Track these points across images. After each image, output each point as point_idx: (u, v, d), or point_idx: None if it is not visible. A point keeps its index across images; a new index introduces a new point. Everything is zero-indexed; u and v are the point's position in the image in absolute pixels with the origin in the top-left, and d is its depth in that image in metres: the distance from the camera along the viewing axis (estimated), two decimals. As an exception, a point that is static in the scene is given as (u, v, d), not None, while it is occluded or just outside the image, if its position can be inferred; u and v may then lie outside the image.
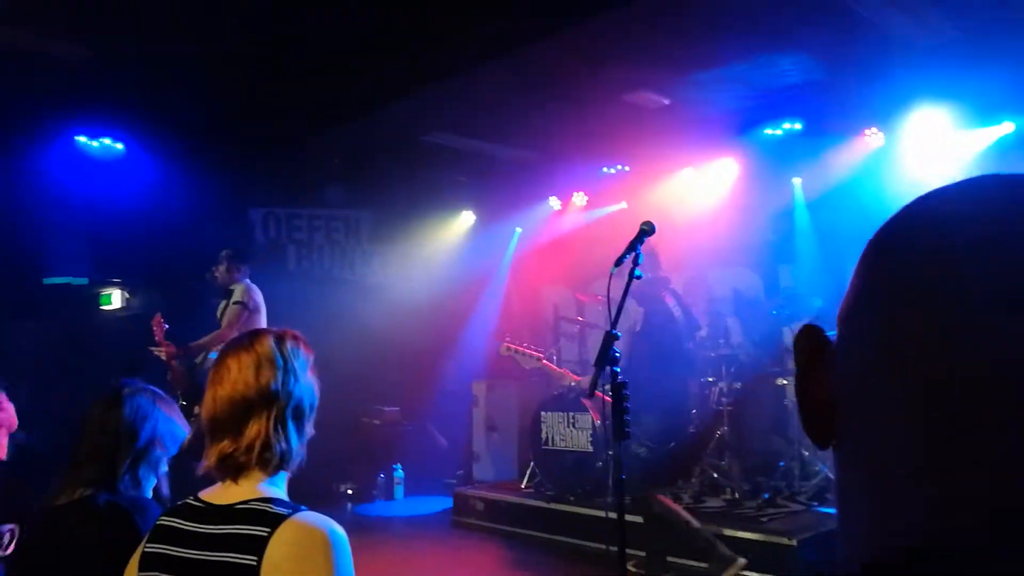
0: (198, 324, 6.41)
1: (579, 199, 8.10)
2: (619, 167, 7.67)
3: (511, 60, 5.48)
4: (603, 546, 5.13)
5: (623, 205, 7.70)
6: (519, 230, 8.51)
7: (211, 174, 7.13)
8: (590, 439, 5.84)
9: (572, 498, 5.76)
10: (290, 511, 1.40)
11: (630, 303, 4.88)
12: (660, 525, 4.26)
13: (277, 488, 1.50)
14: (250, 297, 5.70)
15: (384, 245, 8.97)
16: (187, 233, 6.94)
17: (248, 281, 5.81)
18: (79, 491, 1.92)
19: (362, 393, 7.89)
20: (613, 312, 2.90)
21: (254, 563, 1.34)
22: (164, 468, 2.11)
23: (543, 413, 6.22)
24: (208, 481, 1.53)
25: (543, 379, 7.11)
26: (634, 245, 3.00)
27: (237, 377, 1.50)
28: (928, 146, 5.86)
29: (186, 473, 1.79)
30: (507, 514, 6.09)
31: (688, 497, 5.64)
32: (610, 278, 2.95)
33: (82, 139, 6.72)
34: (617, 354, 2.86)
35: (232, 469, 1.48)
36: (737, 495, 5.54)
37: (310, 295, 8.17)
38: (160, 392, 2.16)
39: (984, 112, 5.56)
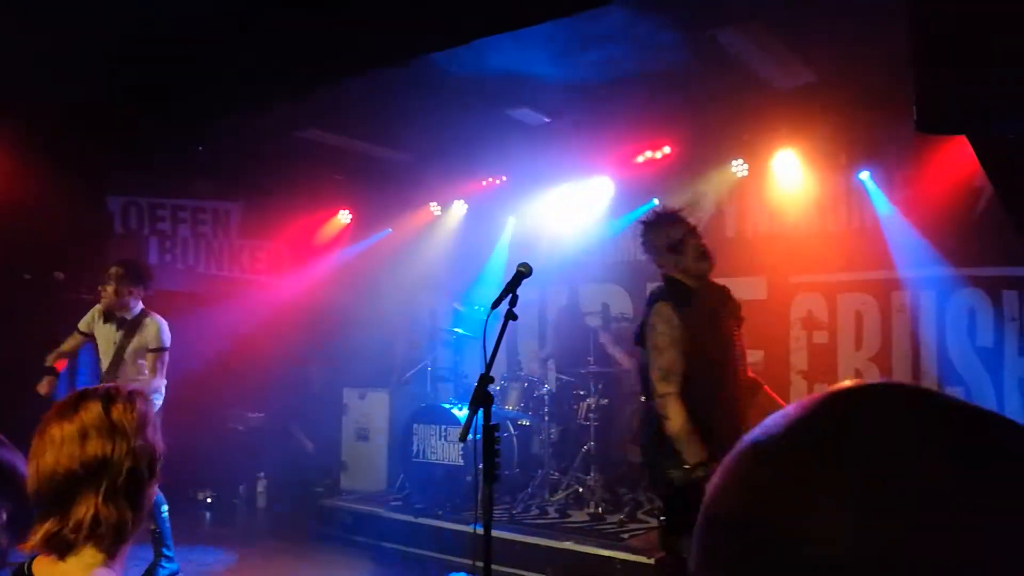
0: (39, 317, 5.96)
1: (459, 207, 8.09)
2: (498, 178, 7.72)
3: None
4: (470, 561, 5.21)
5: (510, 221, 7.75)
6: (389, 230, 8.39)
7: (65, 158, 6.61)
8: (461, 453, 5.88)
9: (440, 512, 5.78)
10: None
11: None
12: None
13: (108, 571, 1.41)
14: (168, 337, 4.97)
15: (255, 240, 8.64)
16: (36, 218, 6.41)
17: (159, 317, 5.01)
18: None
19: (226, 396, 7.59)
20: (488, 354, 2.92)
21: None
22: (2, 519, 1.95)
23: (415, 425, 6.22)
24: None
25: (417, 389, 7.09)
26: (511, 287, 3.02)
27: (60, 451, 1.38)
28: (787, 183, 6.24)
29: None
30: (375, 528, 6.03)
31: (553, 511, 5.79)
32: (486, 320, 2.96)
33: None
34: (491, 396, 2.87)
35: (60, 548, 1.37)
36: (600, 509, 5.74)
37: (173, 291, 7.77)
38: None
39: (836, 156, 5.97)
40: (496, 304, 3.01)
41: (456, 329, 6.83)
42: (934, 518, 0.40)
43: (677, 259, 3.33)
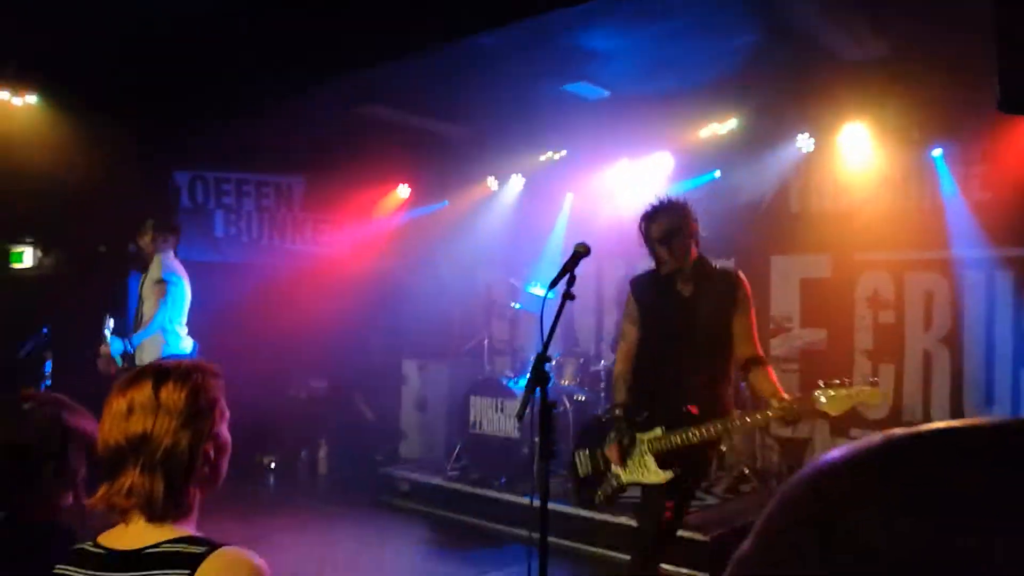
0: (113, 288, 6.21)
1: (517, 182, 8.08)
2: (558, 152, 7.67)
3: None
4: (525, 533, 5.28)
5: (568, 196, 7.72)
6: (446, 202, 8.45)
7: (134, 133, 6.82)
8: (517, 426, 5.94)
9: (496, 483, 5.86)
10: (206, 548, 1.39)
11: None
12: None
13: (175, 531, 1.47)
14: (171, 269, 5.45)
15: (317, 214, 8.78)
16: (107, 194, 6.65)
17: (170, 255, 5.55)
18: None
19: (289, 365, 7.80)
20: (546, 334, 2.92)
21: None
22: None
23: (472, 397, 6.30)
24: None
25: (475, 361, 7.16)
26: (569, 267, 3.01)
27: (113, 422, 1.47)
28: (854, 158, 6.05)
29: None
30: (432, 496, 6.16)
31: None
32: (543, 301, 2.96)
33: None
34: (551, 375, 2.89)
35: (119, 512, 1.46)
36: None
37: (238, 263, 7.99)
38: (64, 399, 2.06)
39: (907, 131, 5.75)
40: (554, 284, 3.01)
41: (513, 304, 6.86)
42: (959, 521, 0.45)
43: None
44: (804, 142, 6.28)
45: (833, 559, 0.47)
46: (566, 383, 6.40)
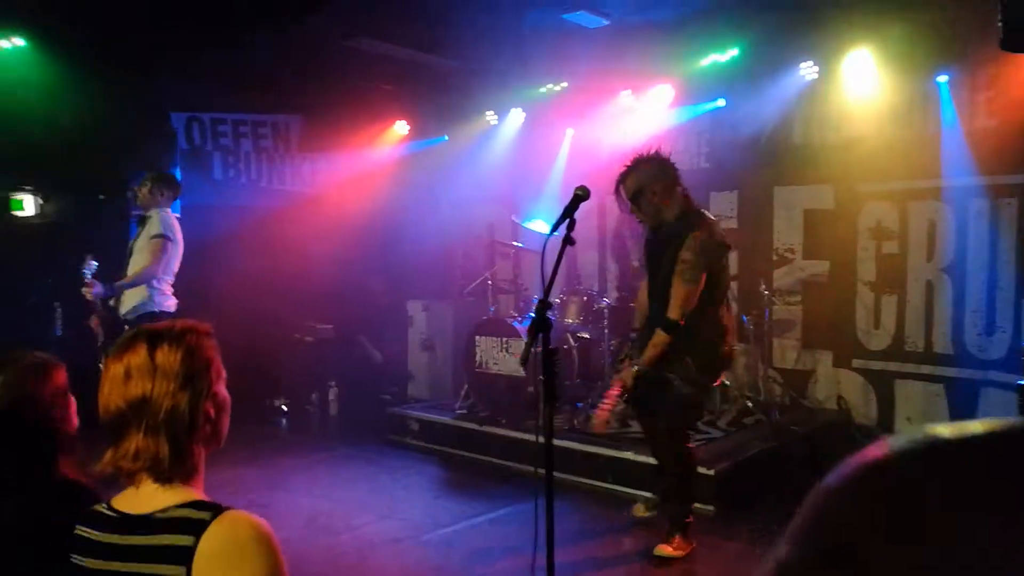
0: (115, 234, 6.19)
1: (516, 116, 7.96)
2: (558, 84, 7.52)
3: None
4: (531, 468, 5.39)
5: (569, 132, 7.62)
6: (446, 137, 8.34)
7: (128, 75, 6.71)
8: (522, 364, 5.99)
9: (503, 420, 5.96)
10: (211, 513, 1.42)
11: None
12: (684, 474, 4.18)
13: (183, 493, 1.50)
14: (170, 227, 5.37)
15: (315, 153, 8.69)
16: (105, 138, 6.58)
17: (167, 211, 5.46)
18: None
19: (294, 308, 7.85)
20: (546, 279, 2.93)
21: (183, 573, 1.37)
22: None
23: (477, 337, 6.35)
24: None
25: (479, 301, 7.19)
26: (569, 211, 3.00)
27: (112, 387, 1.49)
28: (859, 86, 5.92)
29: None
30: (441, 435, 6.28)
31: (614, 421, 5.90)
32: (544, 244, 2.95)
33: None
34: (552, 320, 2.91)
35: (126, 475, 1.49)
36: (660, 419, 5.83)
37: (238, 205, 7.95)
38: (36, 359, 2.06)
39: (915, 59, 5.61)
40: (555, 228, 3.01)
41: (515, 242, 6.84)
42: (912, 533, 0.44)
43: None
44: (808, 70, 6.15)
45: None
46: (570, 321, 6.42)
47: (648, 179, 3.96)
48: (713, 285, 3.95)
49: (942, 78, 5.58)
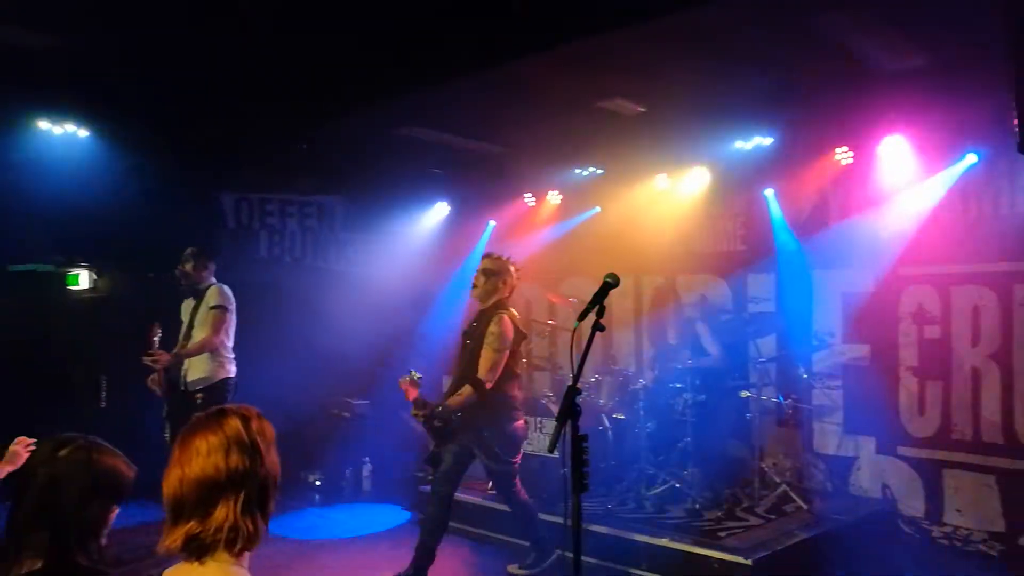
0: (167, 308, 6.39)
1: (553, 198, 8.11)
2: (593, 169, 7.67)
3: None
4: (559, 551, 5.28)
5: (596, 209, 7.74)
6: (492, 223, 8.51)
7: (180, 158, 7.05)
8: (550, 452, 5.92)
9: (534, 502, 5.86)
10: None
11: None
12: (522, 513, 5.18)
13: (243, 571, 1.54)
14: (228, 299, 5.67)
15: (358, 233, 8.92)
16: (157, 217, 6.88)
17: (224, 286, 5.75)
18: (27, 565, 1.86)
19: (332, 383, 7.92)
20: (576, 366, 2.94)
21: None
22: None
23: (511, 416, 6.31)
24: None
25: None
26: (598, 299, 3.03)
27: (207, 460, 1.52)
28: (895, 170, 5.94)
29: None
30: (472, 515, 6.19)
31: (650, 506, 5.78)
32: (573, 333, 2.97)
33: (44, 125, 6.59)
34: (579, 408, 2.91)
35: (198, 551, 1.51)
36: (698, 505, 5.69)
37: (282, 283, 8.16)
38: (96, 441, 2.08)
39: (949, 142, 5.63)
40: (583, 316, 3.02)
41: (550, 321, 6.87)
42: None
43: None
44: (843, 155, 6.18)
45: None
46: (603, 402, 6.37)
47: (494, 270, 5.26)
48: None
49: (977, 161, 5.56)
